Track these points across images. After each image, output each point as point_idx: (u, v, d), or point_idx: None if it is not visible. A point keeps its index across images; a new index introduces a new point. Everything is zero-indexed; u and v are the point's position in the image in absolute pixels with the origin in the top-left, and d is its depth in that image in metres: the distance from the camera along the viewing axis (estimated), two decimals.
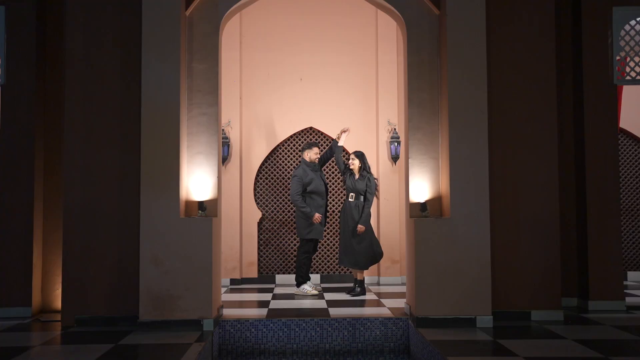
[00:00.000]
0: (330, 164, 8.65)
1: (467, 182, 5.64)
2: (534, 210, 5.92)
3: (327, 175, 8.73)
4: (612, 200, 6.53)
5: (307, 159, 7.56)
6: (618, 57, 6.66)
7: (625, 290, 6.87)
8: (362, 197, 7.39)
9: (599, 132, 6.55)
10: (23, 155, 6.42)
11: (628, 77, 6.74)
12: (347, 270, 8.53)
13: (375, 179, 7.58)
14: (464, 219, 5.62)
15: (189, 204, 5.81)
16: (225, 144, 8.39)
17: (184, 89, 5.80)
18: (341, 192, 8.50)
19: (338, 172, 8.74)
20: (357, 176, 7.42)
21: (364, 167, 7.41)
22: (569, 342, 4.91)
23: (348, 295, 7.38)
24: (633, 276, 9.20)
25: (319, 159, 7.63)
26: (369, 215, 7.40)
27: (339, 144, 7.65)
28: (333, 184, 8.82)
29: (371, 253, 7.38)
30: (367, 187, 7.38)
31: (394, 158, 8.56)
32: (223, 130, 8.24)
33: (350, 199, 7.41)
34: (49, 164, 6.61)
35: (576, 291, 6.63)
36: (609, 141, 6.57)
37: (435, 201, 5.91)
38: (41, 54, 6.56)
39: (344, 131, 7.66)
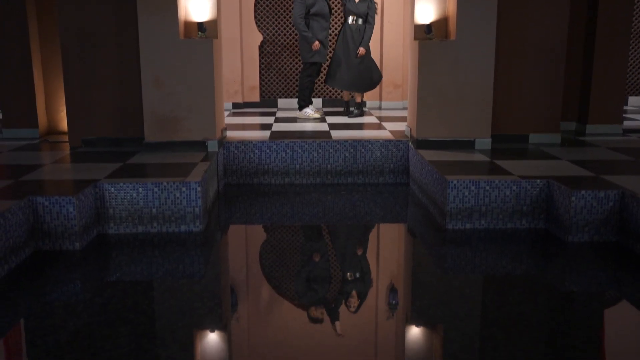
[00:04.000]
0: None
1: (474, 3, 5.44)
2: (542, 35, 5.74)
3: None
4: (624, 23, 6.34)
5: None
6: None
7: (624, 115, 6.93)
8: (361, 20, 7.18)
9: None
10: None
11: None
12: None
13: (375, 2, 7.30)
14: (470, 41, 5.49)
15: (187, 24, 5.66)
16: None
17: None
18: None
19: None
20: None
21: None
22: (564, 162, 5.05)
23: (346, 117, 7.49)
24: (633, 101, 9.26)
25: None
26: (370, 38, 7.26)
27: None
28: (337, 6, 8.52)
29: (369, 76, 7.35)
30: (368, 9, 7.13)
31: None
32: None
33: (350, 22, 7.20)
34: None
35: (576, 115, 6.69)
36: None
37: (441, 23, 5.75)
38: None
39: None
